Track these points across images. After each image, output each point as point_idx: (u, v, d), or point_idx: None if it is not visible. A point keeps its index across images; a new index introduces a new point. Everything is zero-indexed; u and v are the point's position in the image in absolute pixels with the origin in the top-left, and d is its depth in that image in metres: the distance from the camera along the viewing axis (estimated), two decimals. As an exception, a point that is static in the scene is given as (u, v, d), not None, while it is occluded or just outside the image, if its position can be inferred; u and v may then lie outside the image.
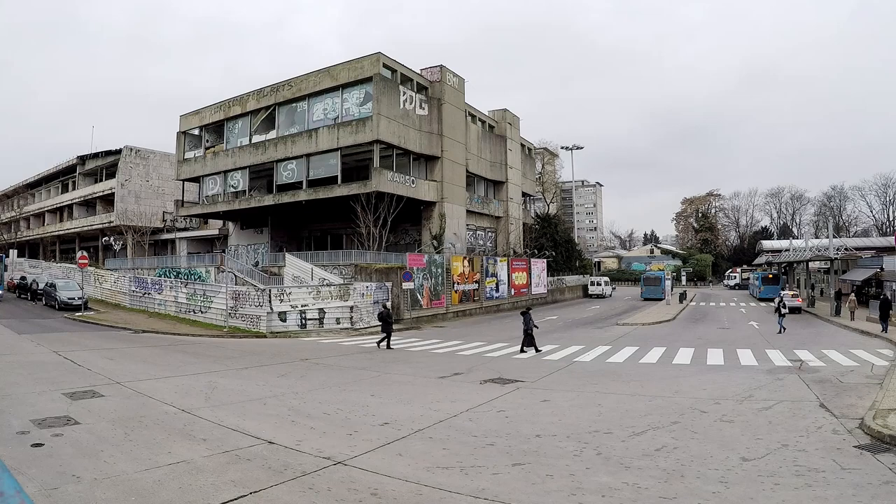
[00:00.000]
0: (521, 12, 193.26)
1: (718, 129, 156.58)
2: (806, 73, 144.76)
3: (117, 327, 22.74)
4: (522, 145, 49.89)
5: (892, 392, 9.57)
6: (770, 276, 49.13)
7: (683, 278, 55.07)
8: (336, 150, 31.57)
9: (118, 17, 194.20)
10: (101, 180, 54.24)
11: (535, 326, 16.97)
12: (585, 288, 56.10)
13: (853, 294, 30.12)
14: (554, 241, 53.63)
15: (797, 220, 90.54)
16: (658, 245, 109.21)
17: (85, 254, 30.12)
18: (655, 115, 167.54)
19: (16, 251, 50.58)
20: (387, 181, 30.60)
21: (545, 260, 47.10)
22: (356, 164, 33.49)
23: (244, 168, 36.25)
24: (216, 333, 21.78)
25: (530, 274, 42.41)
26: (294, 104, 34.14)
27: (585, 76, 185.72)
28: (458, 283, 32.00)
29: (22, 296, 34.43)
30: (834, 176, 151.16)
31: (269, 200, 34.78)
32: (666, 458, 6.68)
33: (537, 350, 16.53)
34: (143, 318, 26.12)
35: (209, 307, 24.91)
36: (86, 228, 54.24)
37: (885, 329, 20.81)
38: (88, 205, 55.54)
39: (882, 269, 32.70)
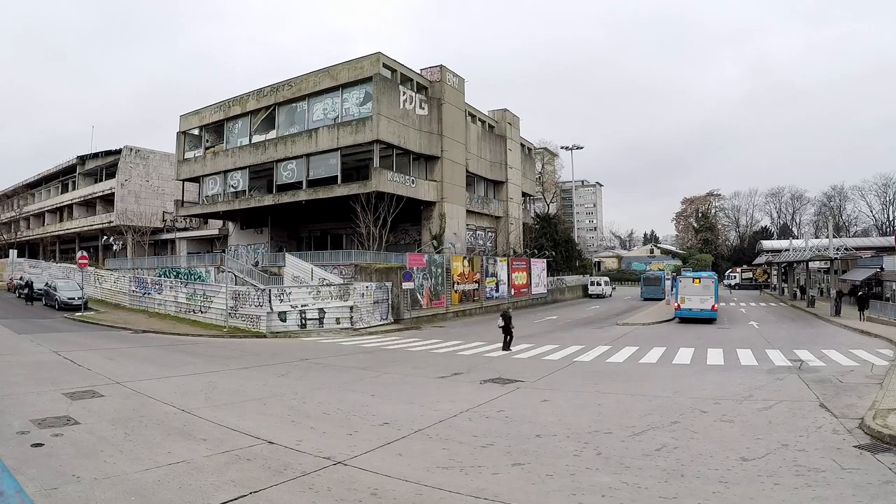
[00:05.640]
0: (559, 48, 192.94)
1: (721, 140, 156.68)
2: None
3: (117, 327, 22.74)
4: (522, 145, 49.88)
5: (892, 392, 9.56)
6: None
7: (683, 278, 55.04)
8: (336, 150, 31.56)
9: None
10: (101, 180, 54.25)
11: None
12: (585, 288, 56.08)
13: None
14: (554, 241, 53.60)
15: (797, 220, 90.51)
16: (658, 245, 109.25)
17: (85, 254, 30.10)
18: (657, 135, 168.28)
19: (16, 251, 50.54)
20: (387, 181, 30.60)
21: (545, 260, 47.08)
22: (356, 164, 33.49)
23: (244, 168, 36.25)
24: (216, 333, 21.77)
25: (530, 274, 42.39)
26: (294, 104, 34.14)
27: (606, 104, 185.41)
28: (458, 283, 31.99)
29: (22, 295, 34.44)
30: (834, 176, 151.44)
31: (268, 200, 34.78)
32: (666, 457, 6.68)
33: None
34: (144, 318, 26.11)
35: (209, 307, 24.90)
36: (86, 228, 54.24)
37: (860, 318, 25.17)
38: (88, 205, 55.54)
39: (882, 268, 32.70)
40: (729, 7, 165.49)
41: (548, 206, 68.28)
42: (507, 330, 17.17)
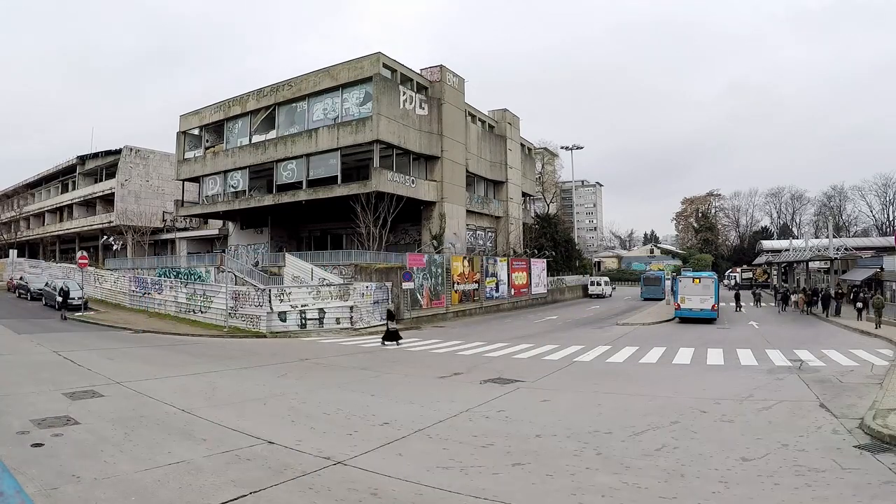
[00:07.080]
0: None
1: (721, 140, 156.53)
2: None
3: (117, 327, 22.74)
4: (522, 145, 49.87)
5: (892, 392, 9.57)
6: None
7: (683, 278, 55.03)
8: (336, 150, 31.56)
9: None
10: (100, 180, 54.22)
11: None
12: (585, 288, 56.04)
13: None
14: (554, 241, 53.60)
15: (797, 220, 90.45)
16: (658, 245, 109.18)
17: (85, 254, 30.11)
18: (659, 139, 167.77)
19: (16, 251, 50.50)
20: (387, 181, 30.60)
21: (545, 260, 47.08)
22: (356, 164, 33.49)
23: (244, 168, 36.24)
24: (216, 333, 21.78)
25: (530, 274, 42.40)
26: (294, 104, 34.14)
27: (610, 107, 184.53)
28: (458, 283, 31.99)
29: (22, 295, 34.47)
30: (834, 176, 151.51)
31: (268, 200, 34.77)
32: (666, 458, 6.68)
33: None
34: (144, 318, 26.11)
35: (209, 307, 24.90)
36: (86, 228, 54.22)
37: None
38: (88, 205, 55.51)
39: (882, 269, 32.69)
40: (730, 10, 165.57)
41: (548, 206, 68.29)
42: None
